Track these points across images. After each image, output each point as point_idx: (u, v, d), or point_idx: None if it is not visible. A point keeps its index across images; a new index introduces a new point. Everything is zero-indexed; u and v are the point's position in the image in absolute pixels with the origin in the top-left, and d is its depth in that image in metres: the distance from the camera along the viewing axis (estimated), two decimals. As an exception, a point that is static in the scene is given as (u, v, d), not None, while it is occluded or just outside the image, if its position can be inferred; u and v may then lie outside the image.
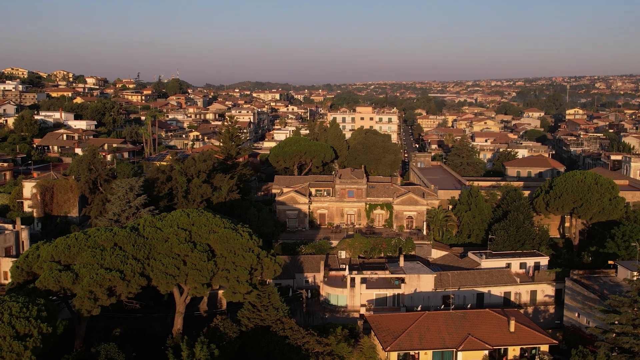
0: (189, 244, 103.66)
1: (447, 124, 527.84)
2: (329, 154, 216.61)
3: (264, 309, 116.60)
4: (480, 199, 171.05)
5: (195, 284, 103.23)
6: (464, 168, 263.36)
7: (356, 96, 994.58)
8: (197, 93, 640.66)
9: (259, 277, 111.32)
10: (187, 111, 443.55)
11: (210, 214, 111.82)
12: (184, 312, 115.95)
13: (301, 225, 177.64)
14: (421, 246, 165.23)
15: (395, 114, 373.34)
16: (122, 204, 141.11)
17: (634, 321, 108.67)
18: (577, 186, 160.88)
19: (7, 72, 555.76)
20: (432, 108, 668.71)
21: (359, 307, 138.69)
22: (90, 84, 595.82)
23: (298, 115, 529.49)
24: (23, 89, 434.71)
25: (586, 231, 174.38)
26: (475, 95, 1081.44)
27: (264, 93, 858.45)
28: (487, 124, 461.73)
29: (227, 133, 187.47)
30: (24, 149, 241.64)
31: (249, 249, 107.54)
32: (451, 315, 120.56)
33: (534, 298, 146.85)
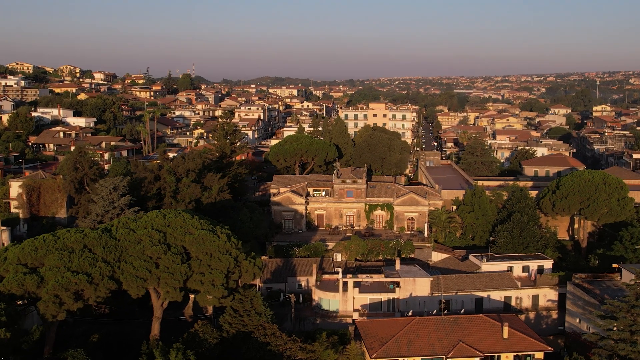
0: (163, 246, 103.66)
1: (468, 121, 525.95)
2: (332, 152, 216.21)
3: (246, 314, 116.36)
4: (484, 200, 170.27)
5: (167, 288, 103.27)
6: (477, 167, 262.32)
7: (377, 92, 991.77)
8: (209, 89, 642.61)
9: (236, 280, 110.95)
10: (196, 108, 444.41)
11: (188, 214, 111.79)
12: (164, 317, 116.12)
13: (297, 227, 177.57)
14: (421, 249, 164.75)
15: (409, 110, 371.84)
16: (106, 204, 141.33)
17: (631, 327, 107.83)
18: (584, 186, 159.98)
19: (11, 66, 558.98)
20: (454, 105, 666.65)
21: (352, 312, 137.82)
22: (98, 79, 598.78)
23: (313, 112, 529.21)
24: (25, 85, 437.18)
25: (596, 233, 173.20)
26: (502, 91, 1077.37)
27: (281, 89, 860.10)
28: (509, 121, 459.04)
29: (222, 130, 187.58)
30: (17, 147, 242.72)
31: (226, 251, 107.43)
32: (442, 321, 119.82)
33: (535, 303, 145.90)
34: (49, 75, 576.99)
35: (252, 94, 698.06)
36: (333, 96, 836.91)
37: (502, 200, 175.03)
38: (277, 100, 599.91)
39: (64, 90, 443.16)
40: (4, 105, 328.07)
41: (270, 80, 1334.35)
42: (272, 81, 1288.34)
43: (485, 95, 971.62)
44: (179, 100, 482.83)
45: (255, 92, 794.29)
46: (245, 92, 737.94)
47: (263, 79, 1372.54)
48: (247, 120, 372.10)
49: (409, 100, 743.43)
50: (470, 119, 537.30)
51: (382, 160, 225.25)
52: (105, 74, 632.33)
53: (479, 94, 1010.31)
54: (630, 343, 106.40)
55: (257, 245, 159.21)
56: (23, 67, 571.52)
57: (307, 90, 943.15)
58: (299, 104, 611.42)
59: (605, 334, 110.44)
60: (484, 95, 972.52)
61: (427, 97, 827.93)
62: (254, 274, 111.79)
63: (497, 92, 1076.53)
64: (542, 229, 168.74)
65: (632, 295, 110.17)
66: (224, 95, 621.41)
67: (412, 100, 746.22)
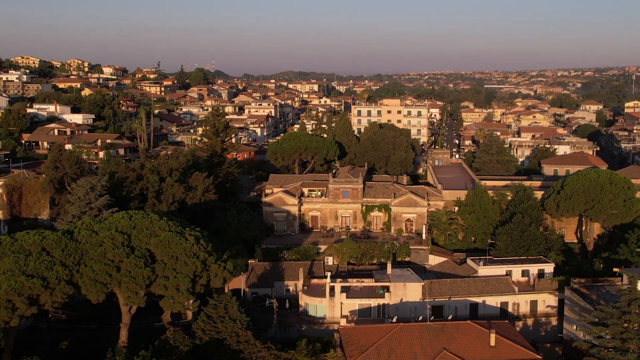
0: (125, 249, 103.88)
1: (493, 117, 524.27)
2: (333, 150, 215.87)
3: (220, 320, 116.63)
4: (486, 200, 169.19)
5: (128, 293, 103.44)
6: (493, 166, 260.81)
7: (402, 87, 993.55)
8: (223, 84, 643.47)
9: (204, 285, 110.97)
10: (205, 104, 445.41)
11: (156, 216, 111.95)
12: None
13: (290, 229, 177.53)
14: (417, 252, 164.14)
15: (425, 106, 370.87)
16: (82, 205, 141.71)
17: (622, 335, 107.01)
18: (589, 186, 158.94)
19: (16, 60, 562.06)
20: (480, 100, 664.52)
21: (339, 318, 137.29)
22: (107, 73, 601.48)
23: (331, 108, 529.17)
24: (28, 79, 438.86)
25: (606, 235, 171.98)
26: (535, 86, 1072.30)
27: (301, 84, 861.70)
28: (535, 118, 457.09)
29: (212, 127, 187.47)
30: (8, 145, 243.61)
31: (193, 254, 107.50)
32: (427, 328, 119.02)
33: (534, 309, 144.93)
34: (56, 69, 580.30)
35: (269, 90, 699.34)
36: (356, 91, 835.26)
37: (506, 200, 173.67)
38: (293, 96, 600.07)
39: (68, 85, 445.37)
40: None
41: (294, 75, 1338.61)
42: (296, 76, 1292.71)
43: (517, 90, 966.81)
44: (189, 96, 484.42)
45: (275, 87, 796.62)
46: (262, 88, 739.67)
47: (286, 73, 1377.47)
48: (256, 117, 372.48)
49: (434, 95, 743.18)
50: (497, 115, 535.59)
51: (387, 158, 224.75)
52: (115, 68, 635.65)
53: (510, 89, 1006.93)
54: (621, 351, 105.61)
55: (244, 248, 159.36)
56: (29, 60, 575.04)
57: (329, 85, 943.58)
58: (317, 99, 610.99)
59: (597, 341, 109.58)
60: (515, 90, 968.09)
61: (452, 93, 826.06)
62: (224, 278, 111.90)
63: (529, 87, 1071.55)
64: (547, 231, 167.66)
65: (624, 302, 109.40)
66: (239, 90, 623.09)
67: (438, 96, 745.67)
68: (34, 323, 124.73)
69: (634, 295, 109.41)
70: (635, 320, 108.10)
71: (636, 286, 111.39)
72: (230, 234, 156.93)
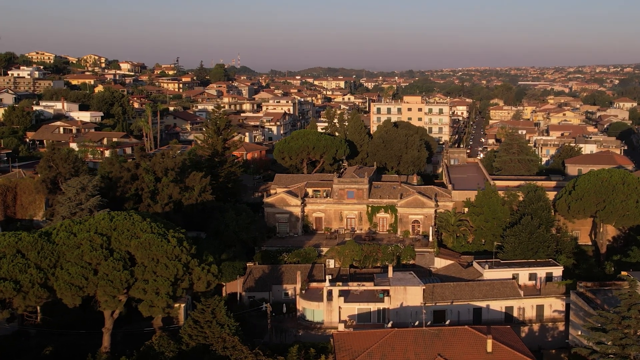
0: (104, 251, 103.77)
1: (523, 115, 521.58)
2: (342, 149, 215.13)
3: (207, 325, 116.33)
4: (495, 201, 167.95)
5: (105, 297, 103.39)
6: (513, 165, 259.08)
7: (432, 84, 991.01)
8: (244, 81, 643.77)
9: (186, 288, 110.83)
10: (222, 101, 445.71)
11: (139, 217, 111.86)
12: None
13: (293, 231, 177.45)
14: (422, 254, 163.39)
15: (447, 104, 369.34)
16: (72, 206, 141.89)
17: (621, 341, 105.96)
18: (600, 186, 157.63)
19: (31, 55, 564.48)
20: (510, 98, 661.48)
21: (337, 323, 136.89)
22: (124, 70, 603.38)
23: (354, 106, 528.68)
24: (40, 76, 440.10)
25: (622, 238, 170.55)
26: (571, 83, 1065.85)
27: (327, 80, 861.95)
28: (565, 116, 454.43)
29: (214, 126, 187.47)
30: (11, 144, 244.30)
31: (175, 256, 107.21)
32: (422, 333, 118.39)
33: (540, 314, 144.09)
34: (72, 65, 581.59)
35: (293, 86, 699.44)
36: (384, 88, 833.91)
37: (518, 201, 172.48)
38: (316, 93, 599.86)
39: (81, 82, 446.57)
40: (5, 98, 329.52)
41: (323, 71, 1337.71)
42: (324, 72, 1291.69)
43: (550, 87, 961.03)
44: (207, 93, 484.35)
45: (300, 83, 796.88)
46: (286, 84, 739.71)
47: (315, 69, 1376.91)
48: (273, 115, 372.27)
49: (464, 92, 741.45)
50: (527, 113, 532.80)
51: (399, 158, 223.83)
52: (133, 64, 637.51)
53: (545, 86, 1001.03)
54: (621, 358, 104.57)
55: (243, 251, 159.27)
56: (44, 56, 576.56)
57: (356, 82, 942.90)
58: (341, 96, 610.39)
59: (597, 347, 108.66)
60: (550, 87, 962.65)
61: (482, 90, 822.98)
62: (208, 282, 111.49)
63: (565, 84, 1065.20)
64: (558, 233, 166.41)
65: (624, 306, 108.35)
66: (260, 87, 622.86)
67: (467, 93, 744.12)
68: (21, 328, 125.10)
69: (634, 300, 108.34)
70: (635, 326, 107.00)
71: (636, 290, 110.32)
72: (229, 235, 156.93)
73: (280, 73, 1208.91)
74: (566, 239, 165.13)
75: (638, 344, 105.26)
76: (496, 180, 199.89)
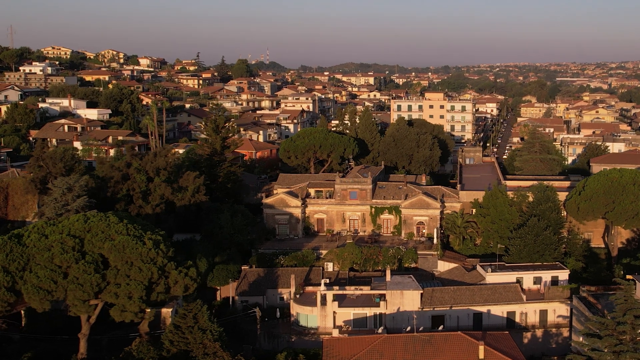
0: (75, 254, 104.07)
1: (554, 112, 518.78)
2: (350, 148, 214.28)
3: (189, 330, 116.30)
4: (501, 202, 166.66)
5: (75, 301, 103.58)
6: (535, 165, 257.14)
7: (466, 80, 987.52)
8: (268, 77, 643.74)
9: (162, 293, 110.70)
10: (240, 98, 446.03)
11: (115, 218, 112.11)
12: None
13: (293, 233, 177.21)
14: (425, 257, 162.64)
15: (470, 101, 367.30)
16: (58, 207, 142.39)
17: (616, 347, 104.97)
18: (609, 186, 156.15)
19: (46, 51, 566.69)
20: (543, 94, 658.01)
21: (332, 328, 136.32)
22: (143, 65, 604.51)
23: (380, 102, 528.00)
24: (52, 72, 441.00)
25: (636, 240, 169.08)
26: (611, 79, 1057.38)
27: (356, 76, 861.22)
28: (598, 113, 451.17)
29: (212, 124, 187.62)
30: (12, 142, 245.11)
31: (150, 259, 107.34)
32: (413, 339, 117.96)
33: (544, 319, 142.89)
34: (88, 61, 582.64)
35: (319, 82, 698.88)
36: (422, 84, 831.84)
37: (527, 202, 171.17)
38: (340, 89, 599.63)
39: (95, 78, 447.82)
40: (10, 94, 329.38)
41: (355, 66, 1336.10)
42: (357, 68, 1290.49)
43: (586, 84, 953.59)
44: (226, 90, 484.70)
45: (328, 79, 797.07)
46: (312, 81, 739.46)
47: (346, 65, 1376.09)
48: (290, 112, 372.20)
49: (497, 89, 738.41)
50: (559, 110, 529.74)
51: (410, 157, 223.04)
52: (153, 59, 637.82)
53: (584, 82, 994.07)
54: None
55: (238, 253, 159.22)
56: (60, 51, 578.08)
57: (386, 78, 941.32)
58: (367, 93, 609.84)
59: (592, 354, 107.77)
60: (585, 84, 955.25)
61: (515, 86, 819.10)
62: (185, 285, 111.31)
63: (605, 80, 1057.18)
64: (568, 234, 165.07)
65: (619, 311, 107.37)
66: (285, 83, 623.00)
67: (500, 90, 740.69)
68: (3, 333, 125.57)
69: (630, 305, 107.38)
70: (631, 332, 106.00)
71: (632, 295, 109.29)
72: (223, 237, 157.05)
73: (310, 69, 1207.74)
74: (577, 241, 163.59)
75: (633, 350, 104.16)
76: (510, 181, 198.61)
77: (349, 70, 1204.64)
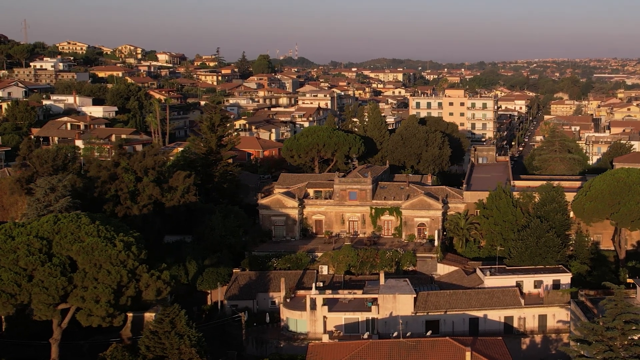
0: (42, 256, 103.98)
1: (585, 110, 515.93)
2: (356, 146, 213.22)
3: (165, 336, 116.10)
4: (504, 203, 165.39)
5: (39, 305, 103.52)
6: (555, 164, 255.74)
7: (498, 77, 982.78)
8: (290, 73, 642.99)
9: (132, 296, 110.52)
10: (257, 95, 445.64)
11: (87, 219, 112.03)
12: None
13: (290, 234, 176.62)
14: (424, 260, 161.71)
15: (491, 99, 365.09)
16: (40, 207, 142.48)
17: (604, 353, 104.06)
18: (615, 187, 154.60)
19: (62, 46, 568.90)
20: (575, 91, 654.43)
21: (322, 334, 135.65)
22: (161, 61, 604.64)
23: (403, 100, 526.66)
24: (64, 68, 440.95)
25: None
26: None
27: (385, 73, 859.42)
28: (630, 111, 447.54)
29: (208, 122, 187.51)
30: (12, 141, 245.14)
31: (120, 262, 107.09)
32: (399, 345, 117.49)
33: (543, 324, 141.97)
34: (105, 56, 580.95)
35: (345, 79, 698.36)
36: (449, 80, 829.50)
37: (534, 203, 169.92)
38: (364, 86, 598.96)
39: (109, 74, 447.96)
40: (14, 91, 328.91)
41: (387, 62, 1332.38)
42: (389, 63, 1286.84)
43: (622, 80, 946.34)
44: (244, 86, 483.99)
45: (356, 75, 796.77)
46: (337, 77, 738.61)
47: (378, 61, 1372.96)
48: (305, 110, 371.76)
49: (529, 86, 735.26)
50: (592, 107, 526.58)
51: (418, 156, 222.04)
52: (172, 55, 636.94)
53: (621, 79, 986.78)
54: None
55: (230, 256, 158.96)
56: (76, 46, 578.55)
57: (416, 74, 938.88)
58: (392, 90, 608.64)
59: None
60: (625, 80, 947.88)
61: (547, 83, 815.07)
62: (157, 289, 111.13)
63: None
64: (579, 236, 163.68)
65: (609, 317, 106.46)
66: (307, 79, 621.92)
67: (533, 87, 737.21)
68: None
69: (619, 310, 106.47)
70: (620, 338, 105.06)
71: (622, 299, 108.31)
72: (214, 239, 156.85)
73: (340, 65, 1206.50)
74: (584, 244, 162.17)
75: (622, 357, 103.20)
76: (523, 181, 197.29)
77: (380, 66, 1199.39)
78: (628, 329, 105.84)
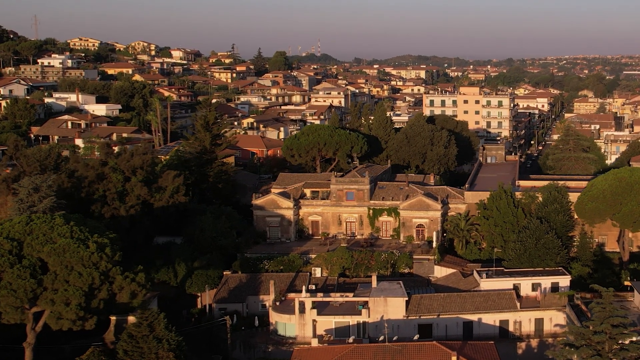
0: (11, 257, 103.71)
1: (609, 108, 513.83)
2: (359, 145, 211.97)
3: (143, 340, 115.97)
4: (504, 203, 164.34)
5: (7, 308, 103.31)
6: (569, 164, 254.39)
7: (524, 74, 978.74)
8: (308, 70, 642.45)
9: (104, 299, 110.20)
10: (270, 92, 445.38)
11: (61, 220, 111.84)
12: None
13: (285, 236, 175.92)
14: (421, 262, 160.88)
15: (507, 96, 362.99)
16: (24, 208, 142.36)
17: (592, 358, 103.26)
18: (616, 186, 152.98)
19: (74, 42, 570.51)
20: (600, 89, 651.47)
21: (311, 338, 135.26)
22: (175, 58, 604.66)
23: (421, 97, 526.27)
24: (73, 64, 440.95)
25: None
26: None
27: (407, 70, 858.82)
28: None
29: (202, 121, 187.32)
30: (10, 139, 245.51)
31: (92, 264, 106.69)
32: (384, 350, 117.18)
33: (539, 328, 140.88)
34: (118, 53, 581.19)
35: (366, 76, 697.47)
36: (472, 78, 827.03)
37: (536, 203, 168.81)
38: (383, 84, 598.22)
39: (118, 71, 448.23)
40: (15, 89, 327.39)
41: (412, 59, 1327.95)
42: (414, 60, 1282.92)
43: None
44: (257, 84, 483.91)
45: (377, 72, 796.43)
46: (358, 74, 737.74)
47: (404, 57, 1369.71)
48: (317, 108, 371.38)
49: (554, 83, 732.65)
50: (617, 105, 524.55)
51: (423, 155, 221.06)
52: (186, 51, 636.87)
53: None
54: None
55: (221, 258, 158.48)
56: (87, 42, 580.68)
57: (439, 71, 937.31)
58: (412, 87, 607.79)
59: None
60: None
61: (572, 80, 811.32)
62: (132, 291, 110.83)
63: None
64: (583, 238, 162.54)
65: (597, 320, 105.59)
66: (325, 76, 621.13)
67: (558, 84, 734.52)
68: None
69: (607, 313, 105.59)
70: (608, 342, 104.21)
71: (610, 302, 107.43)
72: (205, 241, 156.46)
73: (363, 62, 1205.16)
74: (587, 245, 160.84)
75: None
76: (530, 180, 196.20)
77: (405, 63, 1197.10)
78: (617, 332, 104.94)
